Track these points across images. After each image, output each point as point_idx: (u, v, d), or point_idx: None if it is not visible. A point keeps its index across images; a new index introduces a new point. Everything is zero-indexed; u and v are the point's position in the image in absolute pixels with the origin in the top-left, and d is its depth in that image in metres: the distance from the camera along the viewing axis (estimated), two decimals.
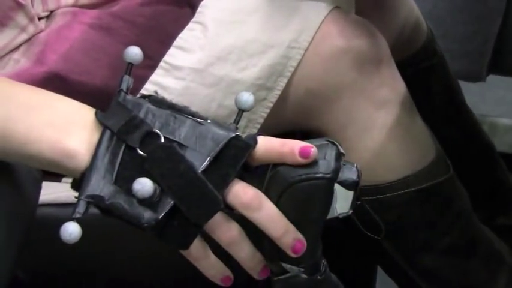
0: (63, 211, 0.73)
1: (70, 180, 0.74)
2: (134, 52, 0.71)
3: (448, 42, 1.43)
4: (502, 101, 1.84)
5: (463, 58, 1.56)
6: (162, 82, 0.99)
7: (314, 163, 0.65)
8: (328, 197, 0.66)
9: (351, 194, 0.68)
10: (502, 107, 1.83)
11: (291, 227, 0.65)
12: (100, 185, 0.66)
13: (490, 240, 1.21)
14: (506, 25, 1.57)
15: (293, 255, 0.65)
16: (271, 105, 1.00)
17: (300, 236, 0.64)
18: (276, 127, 1.00)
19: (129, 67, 0.71)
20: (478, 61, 1.59)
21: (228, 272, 0.69)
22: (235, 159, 0.66)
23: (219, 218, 0.64)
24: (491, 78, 1.65)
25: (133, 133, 0.66)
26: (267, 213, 0.65)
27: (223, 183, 0.64)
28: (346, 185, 0.67)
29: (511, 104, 1.86)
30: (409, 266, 1.17)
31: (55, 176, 0.79)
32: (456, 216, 1.14)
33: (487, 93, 1.71)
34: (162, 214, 0.64)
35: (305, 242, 0.64)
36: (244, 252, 0.67)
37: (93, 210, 0.67)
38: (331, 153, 0.66)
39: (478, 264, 1.18)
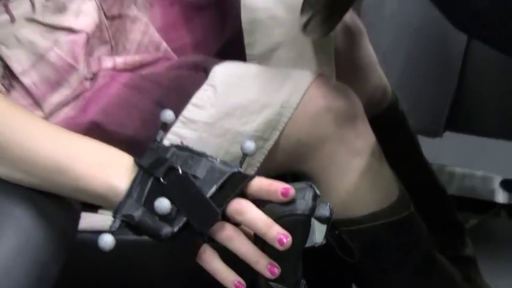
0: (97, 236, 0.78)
1: (105, 211, 0.79)
2: (168, 114, 0.79)
3: (409, 102, 1.43)
4: (457, 152, 1.86)
5: (423, 117, 1.56)
6: (180, 133, 1.00)
7: (295, 202, 0.71)
8: (307, 229, 0.71)
9: (325, 227, 0.72)
10: (457, 157, 1.85)
11: (274, 224, 0.70)
12: (132, 208, 0.72)
13: (444, 264, 1.22)
14: (461, 89, 1.57)
15: (280, 248, 0.69)
16: (266, 152, 1.01)
17: (282, 230, 0.69)
18: (270, 170, 1.01)
19: (163, 125, 0.79)
20: (436, 120, 1.60)
21: (238, 278, 0.72)
22: (235, 186, 0.72)
23: (218, 224, 0.71)
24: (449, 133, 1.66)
25: (159, 168, 0.73)
26: (254, 214, 0.71)
27: (224, 202, 0.71)
28: (321, 220, 0.72)
29: (464, 155, 1.88)
30: (379, 283, 1.19)
31: (92, 207, 0.83)
32: (417, 243, 1.15)
33: (445, 146, 1.73)
34: (177, 228, 0.70)
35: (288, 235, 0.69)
36: (245, 245, 0.72)
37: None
38: (309, 195, 0.72)
39: (437, 282, 1.19)
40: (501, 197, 1.74)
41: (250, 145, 0.80)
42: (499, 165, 1.88)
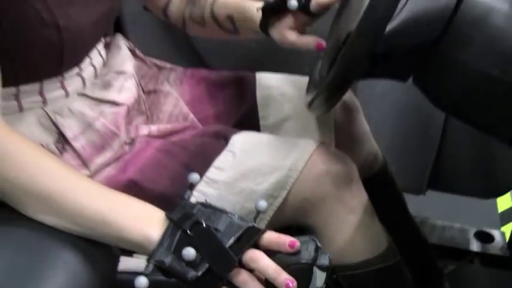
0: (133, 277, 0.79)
1: (140, 256, 0.82)
2: (194, 176, 0.82)
3: (397, 165, 1.44)
4: (438, 207, 1.86)
5: (409, 177, 1.57)
6: (204, 190, 1.00)
7: (300, 252, 0.74)
8: (310, 276, 0.73)
9: (325, 273, 0.74)
10: (438, 212, 1.85)
11: (283, 272, 0.72)
12: (163, 255, 0.74)
13: None
14: (441, 155, 1.57)
15: None
16: (276, 208, 1.01)
17: (289, 276, 0.71)
18: (279, 222, 1.02)
19: (191, 185, 0.82)
20: (420, 180, 1.60)
21: None
22: (250, 238, 0.75)
23: (235, 270, 0.73)
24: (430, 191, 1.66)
25: (187, 222, 0.75)
26: (266, 262, 0.73)
27: (241, 251, 0.73)
28: (322, 268, 0.74)
29: (444, 209, 1.88)
30: None
31: (128, 252, 0.85)
32: (402, 286, 1.15)
33: (428, 202, 1.73)
34: (201, 272, 0.72)
35: (294, 281, 0.71)
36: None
37: None
38: (312, 247, 0.74)
39: None
40: (475, 246, 1.73)
41: (263, 204, 0.82)
42: (473, 219, 1.88)
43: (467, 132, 1.15)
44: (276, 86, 1.23)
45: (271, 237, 0.75)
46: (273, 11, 1.08)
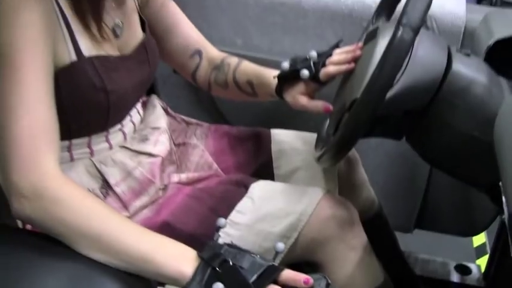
0: None
1: (172, 287, 0.82)
2: (222, 221, 0.83)
3: (389, 207, 1.44)
4: (423, 243, 1.85)
5: (399, 218, 1.56)
6: (228, 232, 1.00)
7: None
8: None
9: None
10: (423, 247, 1.83)
11: None
12: None
13: None
14: (426, 200, 1.58)
15: None
16: (288, 247, 1.01)
17: None
18: (290, 259, 1.02)
19: (218, 228, 0.82)
20: (408, 220, 1.60)
21: None
22: (270, 275, 0.75)
23: None
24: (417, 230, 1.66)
25: (216, 260, 0.76)
26: None
27: (262, 287, 0.73)
28: None
29: (428, 245, 1.87)
30: None
31: (163, 284, 0.85)
32: None
33: (415, 239, 1.73)
34: None
35: None
36: None
37: None
38: (323, 283, 0.75)
39: None
40: (455, 277, 1.72)
41: (280, 246, 0.83)
42: (453, 254, 1.88)
43: (449, 180, 1.15)
44: (287, 141, 1.24)
45: (288, 275, 0.76)
46: (287, 79, 1.10)
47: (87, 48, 0.95)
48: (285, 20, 1.49)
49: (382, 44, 0.95)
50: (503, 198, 0.75)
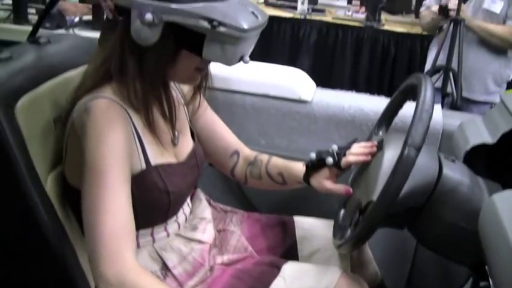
0: None
1: None
2: None
3: (382, 273, 1.39)
4: None
5: (392, 281, 1.51)
6: None
7: None
8: None
9: None
10: None
11: None
12: None
13: None
14: (412, 270, 1.58)
15: None
16: None
17: None
18: None
19: None
20: (399, 284, 1.59)
21: None
22: None
23: None
24: None
25: None
26: None
27: None
28: None
29: None
30: None
31: None
32: None
33: None
34: None
35: None
36: None
37: None
38: None
39: None
40: None
41: None
42: None
43: (433, 256, 1.18)
44: (308, 228, 1.27)
45: None
46: (314, 166, 1.14)
47: (153, 157, 1.01)
48: (300, 125, 1.56)
49: (388, 156, 1.02)
50: (490, 280, 0.78)
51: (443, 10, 2.49)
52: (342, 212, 1.18)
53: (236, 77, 1.54)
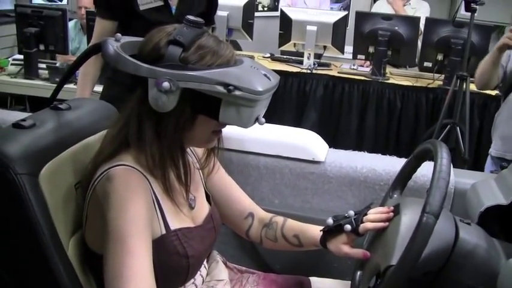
0: None
1: None
2: None
3: None
4: None
5: None
6: None
7: None
8: None
9: None
10: None
11: None
12: None
13: None
14: None
15: None
16: None
17: None
18: None
19: None
20: None
21: None
22: None
23: None
24: None
25: None
26: None
27: None
28: None
29: None
30: None
31: None
32: None
33: None
34: None
35: None
36: None
37: None
38: None
39: None
40: None
41: None
42: None
43: None
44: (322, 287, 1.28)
45: None
46: (332, 232, 1.15)
47: (172, 222, 1.03)
48: (313, 185, 1.59)
49: (405, 221, 1.05)
50: None
51: None
52: (358, 274, 1.18)
53: (250, 138, 1.58)
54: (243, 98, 0.92)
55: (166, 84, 0.92)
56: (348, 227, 1.11)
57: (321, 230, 1.17)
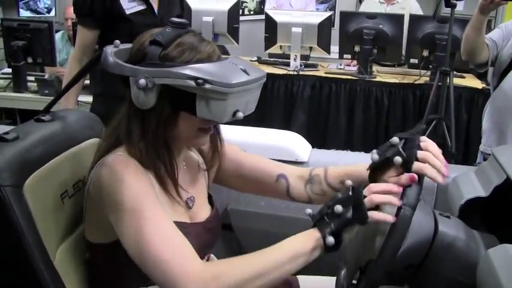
0: None
1: None
2: None
3: None
4: None
5: None
6: None
7: None
8: None
9: None
10: None
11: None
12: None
13: None
14: None
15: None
16: None
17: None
18: None
19: None
20: None
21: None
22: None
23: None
24: None
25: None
26: None
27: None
28: None
29: None
30: None
31: None
32: None
33: None
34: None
35: None
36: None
37: None
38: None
39: None
40: None
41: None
42: None
43: None
44: (313, 287, 1.30)
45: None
46: (379, 168, 1.05)
47: (168, 214, 1.01)
48: None
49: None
50: None
51: None
52: (344, 270, 1.20)
53: (233, 141, 1.58)
54: (214, 91, 0.93)
55: (142, 82, 0.95)
56: (398, 160, 0.98)
57: (368, 169, 1.08)
